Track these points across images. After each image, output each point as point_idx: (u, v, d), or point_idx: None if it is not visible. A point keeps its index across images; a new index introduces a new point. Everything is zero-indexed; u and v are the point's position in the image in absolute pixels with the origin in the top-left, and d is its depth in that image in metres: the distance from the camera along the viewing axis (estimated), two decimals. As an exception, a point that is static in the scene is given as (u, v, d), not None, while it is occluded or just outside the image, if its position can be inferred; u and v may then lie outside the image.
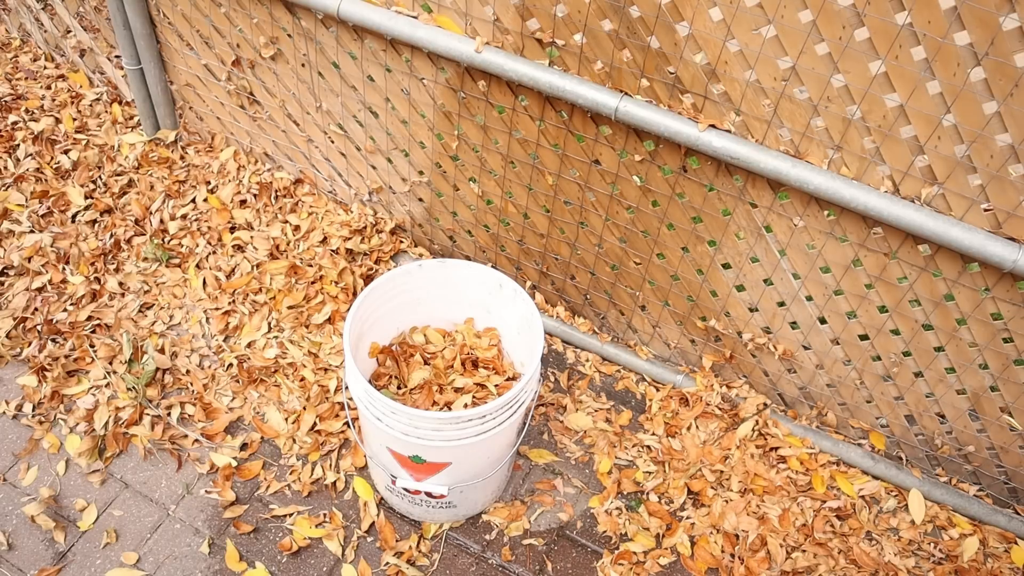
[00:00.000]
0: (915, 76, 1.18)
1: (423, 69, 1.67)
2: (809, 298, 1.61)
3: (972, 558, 1.68)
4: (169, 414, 1.81)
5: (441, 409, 1.68)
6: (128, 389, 1.80)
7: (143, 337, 1.93)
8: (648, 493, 1.76)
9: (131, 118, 2.41)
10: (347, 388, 1.77)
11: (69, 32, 2.40)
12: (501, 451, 1.54)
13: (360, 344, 1.63)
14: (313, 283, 2.03)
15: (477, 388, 1.71)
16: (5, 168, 2.22)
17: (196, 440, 1.78)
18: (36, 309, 1.94)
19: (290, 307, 1.99)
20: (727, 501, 1.73)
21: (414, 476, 1.50)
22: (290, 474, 1.74)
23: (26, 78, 2.50)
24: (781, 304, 1.66)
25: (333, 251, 2.07)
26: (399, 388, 1.73)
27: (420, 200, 2.03)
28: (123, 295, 2.02)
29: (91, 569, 1.56)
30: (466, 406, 1.66)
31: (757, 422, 1.85)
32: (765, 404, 1.87)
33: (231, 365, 1.91)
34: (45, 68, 2.54)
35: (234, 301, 2.02)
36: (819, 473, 1.79)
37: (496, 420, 1.39)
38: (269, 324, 1.98)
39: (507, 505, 1.73)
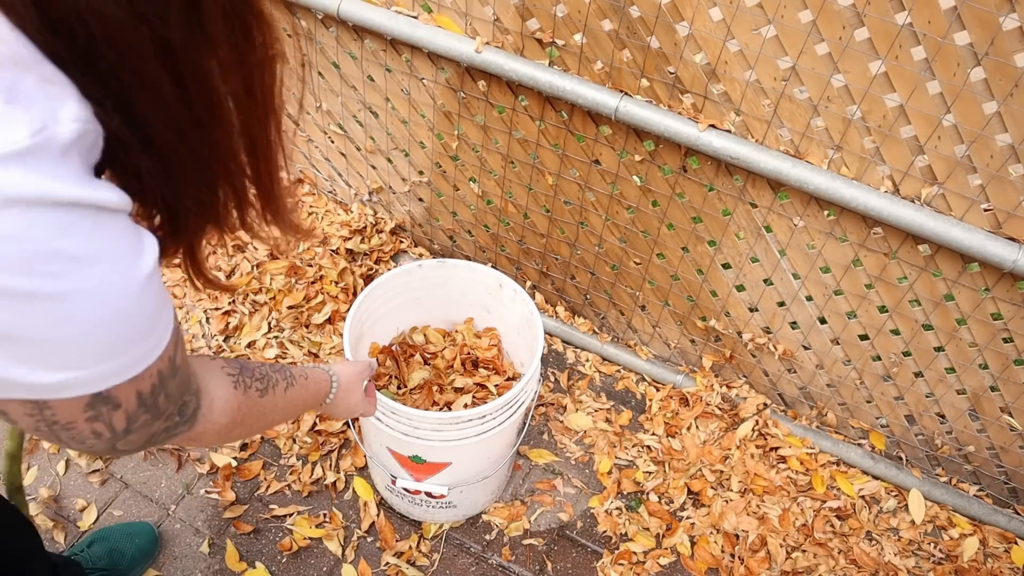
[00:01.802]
0: (915, 76, 1.18)
1: (423, 69, 1.67)
2: (809, 298, 1.61)
3: (972, 558, 1.68)
4: (169, 414, 1.80)
5: (441, 409, 1.68)
6: (128, 389, 1.80)
7: (143, 337, 1.93)
8: (648, 493, 1.76)
9: (131, 118, 2.41)
10: (347, 388, 1.77)
11: (69, 32, 2.40)
12: (501, 451, 1.54)
13: (360, 344, 1.63)
14: (313, 283, 2.03)
15: (477, 388, 1.71)
16: (5, 168, 2.21)
17: (196, 440, 1.77)
18: (36, 309, 1.94)
19: (290, 307, 1.99)
20: (727, 501, 1.73)
21: (414, 476, 1.50)
22: (290, 474, 1.74)
23: (26, 78, 2.50)
24: (781, 304, 1.66)
25: (333, 251, 2.07)
26: (399, 388, 1.73)
27: (420, 200, 2.03)
28: (123, 295, 2.02)
29: (91, 569, 1.56)
30: (466, 406, 1.66)
31: (757, 422, 1.85)
32: (765, 404, 1.87)
33: (231, 365, 1.91)
34: (45, 68, 2.54)
35: (234, 301, 2.02)
36: (819, 473, 1.79)
37: (496, 420, 1.39)
38: (269, 324, 1.98)
39: (507, 505, 1.73)
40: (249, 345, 1.94)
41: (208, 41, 0.46)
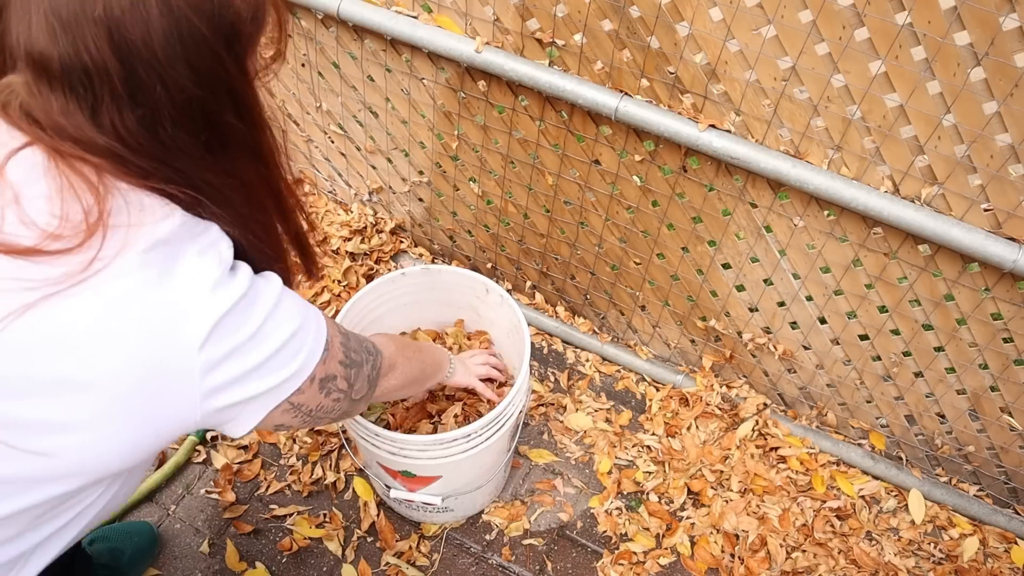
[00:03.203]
0: (915, 76, 1.18)
1: (423, 69, 1.67)
2: (809, 298, 1.61)
3: (972, 558, 1.68)
4: (169, 414, 1.80)
5: (433, 417, 1.68)
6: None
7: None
8: (648, 493, 1.76)
9: (131, 118, 2.41)
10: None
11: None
12: (494, 459, 1.53)
13: None
14: (319, 279, 2.04)
15: (468, 396, 1.70)
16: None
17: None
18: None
19: None
20: (727, 501, 1.73)
21: (407, 488, 1.50)
22: (290, 474, 1.74)
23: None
24: (781, 304, 1.66)
25: (334, 251, 2.07)
26: None
27: (420, 200, 2.03)
28: (123, 295, 2.02)
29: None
30: (456, 417, 1.65)
31: (757, 422, 1.85)
32: (765, 404, 1.87)
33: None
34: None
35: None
36: (819, 473, 1.79)
37: (482, 437, 1.38)
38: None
39: (507, 505, 1.73)
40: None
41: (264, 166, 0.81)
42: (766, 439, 1.84)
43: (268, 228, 0.80)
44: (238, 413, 0.76)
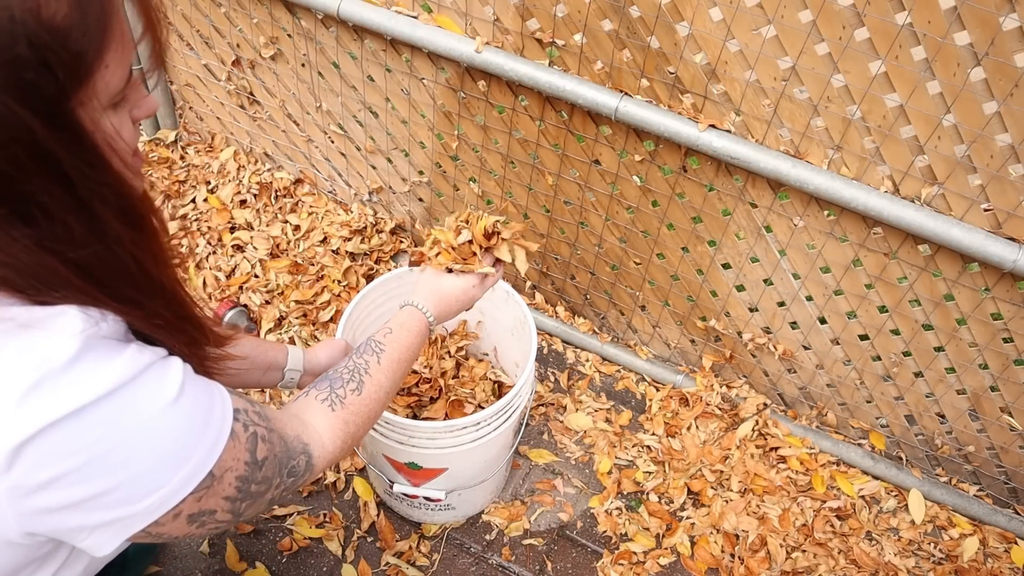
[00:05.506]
0: (915, 76, 1.18)
1: (423, 69, 1.67)
2: (809, 298, 1.61)
3: (972, 558, 1.68)
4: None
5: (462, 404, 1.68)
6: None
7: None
8: (648, 493, 1.76)
9: (131, 118, 2.41)
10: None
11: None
12: (498, 453, 1.54)
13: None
14: (319, 279, 2.03)
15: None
16: (5, 168, 2.21)
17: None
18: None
19: (297, 301, 1.99)
20: (727, 501, 1.73)
21: (411, 482, 1.50)
22: (290, 474, 1.74)
23: (26, 78, 2.49)
24: (781, 304, 1.66)
25: (334, 251, 2.07)
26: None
27: (420, 200, 2.03)
28: (123, 295, 2.02)
29: (91, 569, 1.56)
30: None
31: (757, 422, 1.85)
32: (765, 404, 1.87)
33: (231, 365, 1.91)
34: (45, 68, 2.53)
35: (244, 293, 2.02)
36: (819, 473, 1.79)
37: (491, 426, 1.39)
38: (281, 315, 1.98)
39: (507, 505, 1.73)
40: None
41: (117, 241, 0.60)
42: (766, 439, 1.84)
43: (141, 304, 0.64)
44: (77, 537, 0.62)
